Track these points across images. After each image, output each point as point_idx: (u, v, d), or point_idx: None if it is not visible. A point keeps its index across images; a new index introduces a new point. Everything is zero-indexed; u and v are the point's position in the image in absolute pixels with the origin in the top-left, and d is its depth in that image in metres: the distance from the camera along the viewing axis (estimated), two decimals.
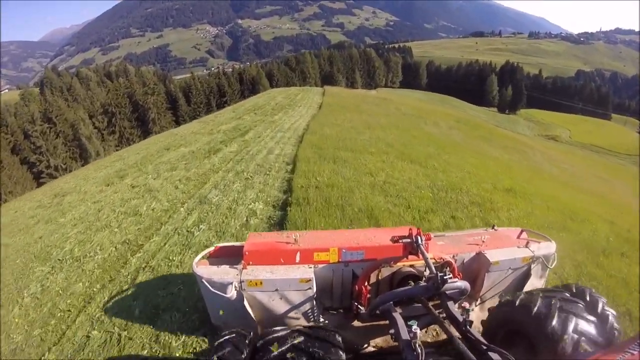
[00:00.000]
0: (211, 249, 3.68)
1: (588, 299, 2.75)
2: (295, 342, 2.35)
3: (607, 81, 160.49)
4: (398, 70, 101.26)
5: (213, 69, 69.32)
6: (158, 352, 3.74)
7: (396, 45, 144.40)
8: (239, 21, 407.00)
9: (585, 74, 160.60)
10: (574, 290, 2.86)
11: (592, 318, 2.59)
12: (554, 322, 2.54)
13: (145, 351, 3.76)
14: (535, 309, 2.66)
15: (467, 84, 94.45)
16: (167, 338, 3.88)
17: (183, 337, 3.87)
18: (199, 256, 3.49)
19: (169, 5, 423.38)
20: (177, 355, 3.68)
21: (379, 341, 3.49)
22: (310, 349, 2.30)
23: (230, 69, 70.88)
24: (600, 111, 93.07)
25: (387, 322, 3.03)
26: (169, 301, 4.46)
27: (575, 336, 2.49)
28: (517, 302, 2.81)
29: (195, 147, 13.44)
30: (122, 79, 59.34)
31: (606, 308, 2.70)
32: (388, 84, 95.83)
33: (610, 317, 2.65)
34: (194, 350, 3.71)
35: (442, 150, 13.78)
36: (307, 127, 16.27)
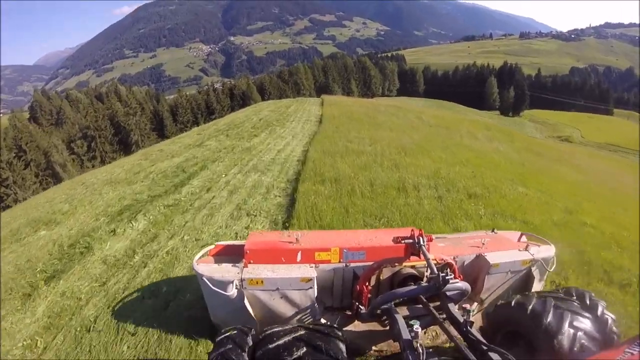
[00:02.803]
0: (211, 247, 3.62)
1: (588, 302, 2.74)
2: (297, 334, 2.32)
3: (601, 76, 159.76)
4: (394, 78, 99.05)
5: (206, 87, 66.86)
6: None
7: (389, 54, 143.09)
8: (231, 38, 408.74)
9: (579, 71, 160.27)
10: (574, 294, 2.84)
11: (591, 320, 2.61)
12: (551, 319, 2.56)
13: None
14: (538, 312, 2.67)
15: (465, 88, 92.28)
16: None
17: None
18: (199, 254, 3.45)
19: (160, 25, 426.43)
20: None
21: (383, 345, 3.38)
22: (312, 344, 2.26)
23: (220, 85, 68.17)
24: (602, 107, 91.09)
25: (387, 327, 3.13)
26: None
27: (574, 335, 2.50)
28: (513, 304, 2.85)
29: (60, 232, 6.62)
30: (113, 99, 56.56)
31: (605, 312, 2.69)
32: (385, 93, 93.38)
33: (610, 321, 2.65)
34: None
35: (542, 192, 8.75)
36: (303, 157, 10.57)
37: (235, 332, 2.46)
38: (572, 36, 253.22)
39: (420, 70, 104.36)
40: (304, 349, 2.18)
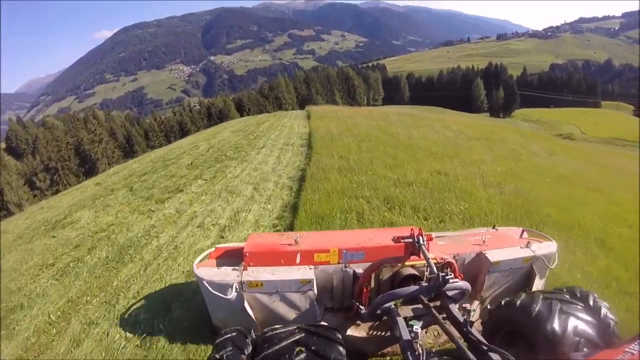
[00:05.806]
0: (211, 250, 3.63)
1: (591, 303, 2.66)
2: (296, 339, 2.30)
3: (581, 70, 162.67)
4: (379, 87, 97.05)
5: (180, 107, 63.44)
6: None
7: (369, 64, 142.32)
8: (212, 58, 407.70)
9: (559, 67, 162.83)
10: (578, 295, 2.75)
11: (592, 320, 2.52)
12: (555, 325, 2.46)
13: None
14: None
15: (452, 91, 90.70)
16: None
17: None
18: (200, 257, 3.43)
19: (141, 48, 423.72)
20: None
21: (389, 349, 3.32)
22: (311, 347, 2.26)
23: (197, 105, 64.46)
24: (590, 100, 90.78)
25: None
26: None
27: (565, 321, 2.45)
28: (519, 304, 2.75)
29: None
30: (91, 124, 52.18)
31: (608, 314, 2.60)
32: (370, 102, 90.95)
33: (612, 324, 2.56)
34: None
35: None
36: None
37: (234, 333, 2.44)
38: (549, 34, 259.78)
39: (404, 77, 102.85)
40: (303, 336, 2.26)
